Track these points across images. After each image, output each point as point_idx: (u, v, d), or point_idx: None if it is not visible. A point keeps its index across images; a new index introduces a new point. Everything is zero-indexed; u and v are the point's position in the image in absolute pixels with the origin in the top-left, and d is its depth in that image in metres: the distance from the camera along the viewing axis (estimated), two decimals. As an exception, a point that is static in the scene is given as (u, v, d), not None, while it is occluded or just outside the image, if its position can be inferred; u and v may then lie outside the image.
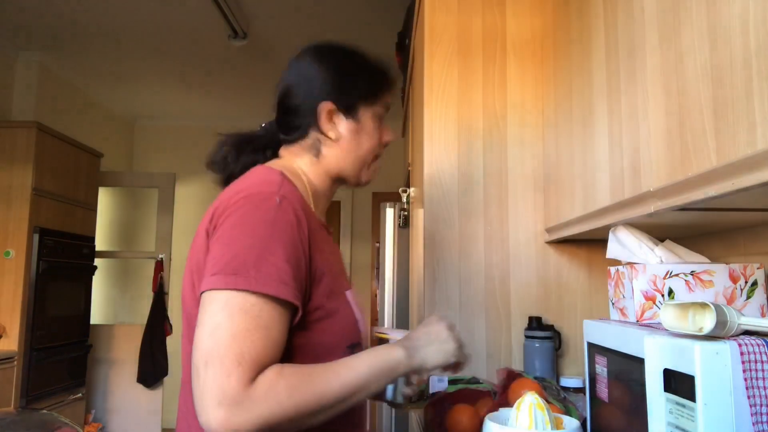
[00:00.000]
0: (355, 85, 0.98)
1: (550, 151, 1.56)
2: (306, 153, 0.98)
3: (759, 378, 0.70)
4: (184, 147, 5.31)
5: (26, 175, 3.24)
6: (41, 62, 3.86)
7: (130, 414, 4.06)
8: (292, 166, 0.96)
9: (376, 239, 4.92)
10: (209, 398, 0.69)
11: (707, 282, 1.01)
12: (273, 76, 4.32)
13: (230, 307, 0.73)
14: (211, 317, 0.73)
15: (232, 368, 0.70)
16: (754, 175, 0.66)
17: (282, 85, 1.03)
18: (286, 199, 0.82)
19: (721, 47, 0.71)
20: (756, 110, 0.64)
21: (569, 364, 1.58)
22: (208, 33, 3.49)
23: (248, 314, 0.73)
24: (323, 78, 0.97)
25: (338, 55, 1.00)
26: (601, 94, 1.14)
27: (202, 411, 0.69)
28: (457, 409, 1.28)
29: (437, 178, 1.63)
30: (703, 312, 0.77)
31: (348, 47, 1.02)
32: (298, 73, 1.01)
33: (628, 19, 1.01)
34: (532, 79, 1.66)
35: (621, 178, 1.03)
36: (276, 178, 0.85)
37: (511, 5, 1.68)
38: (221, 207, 0.82)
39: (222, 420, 0.67)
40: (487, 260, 1.61)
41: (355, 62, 1.01)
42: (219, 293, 0.74)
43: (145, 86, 4.46)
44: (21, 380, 3.14)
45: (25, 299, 3.18)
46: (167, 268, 4.27)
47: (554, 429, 1.03)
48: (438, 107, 1.65)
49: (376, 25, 3.38)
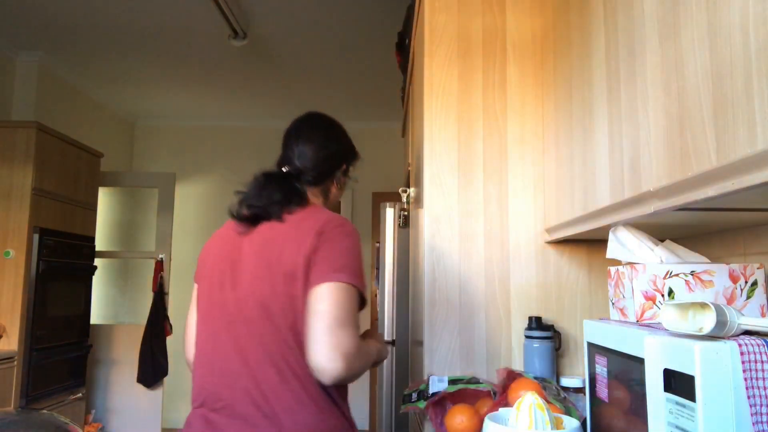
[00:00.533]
0: (347, 159, 1.42)
1: (550, 150, 1.56)
2: (322, 195, 1.36)
3: (759, 378, 0.71)
4: (184, 147, 5.31)
5: (26, 175, 3.24)
6: (41, 62, 3.86)
7: (130, 414, 4.06)
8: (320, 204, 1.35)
9: (376, 239, 4.93)
10: (340, 350, 1.05)
11: (707, 282, 1.01)
12: (273, 76, 4.34)
13: (349, 294, 1.11)
14: (338, 296, 1.09)
15: (355, 333, 1.09)
16: (754, 175, 0.66)
17: (322, 147, 1.37)
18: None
19: (721, 47, 0.71)
20: (756, 110, 0.64)
21: (569, 364, 1.58)
22: (208, 33, 3.49)
23: (354, 300, 1.12)
24: (347, 145, 1.43)
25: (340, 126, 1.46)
26: (601, 94, 1.14)
27: (331, 359, 1.04)
28: (457, 409, 1.28)
29: (437, 178, 1.63)
30: (703, 312, 0.77)
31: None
32: (336, 138, 1.42)
33: (628, 19, 1.01)
34: (532, 80, 1.66)
35: (621, 178, 1.03)
36: (343, 217, 1.24)
37: (511, 5, 1.68)
38: (323, 231, 1.16)
39: (345, 365, 1.05)
40: (487, 260, 1.61)
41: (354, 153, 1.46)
42: (343, 284, 1.10)
43: (145, 86, 4.46)
44: (21, 380, 3.14)
45: (25, 299, 3.18)
46: (167, 268, 4.27)
47: (554, 429, 1.03)
48: (438, 107, 1.65)
49: (376, 25, 3.38)
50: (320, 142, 1.37)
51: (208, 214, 5.24)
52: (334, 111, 5.77)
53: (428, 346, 1.58)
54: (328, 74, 4.18)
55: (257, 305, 1.13)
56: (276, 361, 1.10)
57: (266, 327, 1.11)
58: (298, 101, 4.78)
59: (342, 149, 1.40)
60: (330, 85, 4.39)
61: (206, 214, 5.24)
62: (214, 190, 5.27)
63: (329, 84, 4.38)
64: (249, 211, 1.24)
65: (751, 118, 0.65)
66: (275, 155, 1.46)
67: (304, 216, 1.21)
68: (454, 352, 1.57)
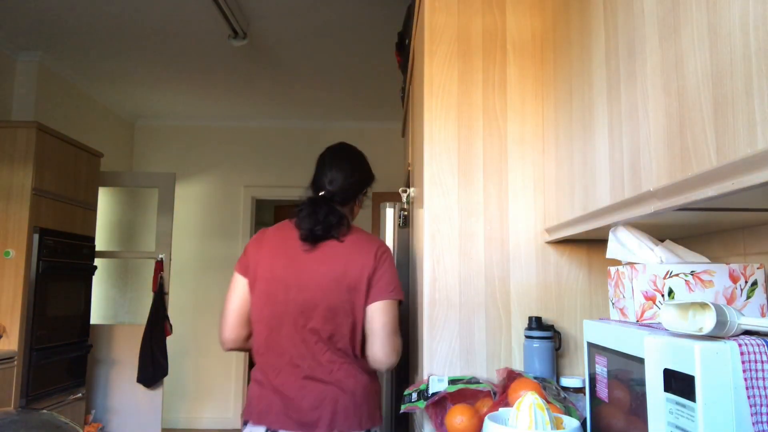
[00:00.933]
0: (365, 186, 1.73)
1: (550, 150, 1.56)
2: (349, 214, 1.68)
3: (759, 378, 0.71)
4: (184, 147, 5.32)
5: (26, 175, 3.24)
6: (41, 62, 3.86)
7: (130, 414, 4.06)
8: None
9: (376, 239, 4.92)
10: (395, 350, 1.53)
11: (707, 282, 1.01)
12: (273, 76, 4.33)
13: (396, 307, 1.55)
14: (392, 310, 1.53)
15: (400, 335, 1.57)
16: (754, 175, 0.66)
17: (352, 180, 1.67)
18: None
19: (721, 47, 0.71)
20: (756, 110, 0.64)
21: (569, 364, 1.59)
22: (208, 33, 3.49)
23: (399, 310, 1.56)
24: (368, 170, 1.74)
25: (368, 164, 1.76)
26: (601, 94, 1.14)
27: (389, 355, 1.52)
28: (457, 409, 1.28)
29: (437, 178, 1.63)
30: (703, 312, 0.77)
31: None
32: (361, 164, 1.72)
33: (628, 20, 1.01)
34: (532, 79, 1.66)
35: (621, 178, 1.03)
36: (383, 242, 1.64)
37: (511, 5, 1.68)
38: (379, 255, 1.56)
39: (397, 358, 1.53)
40: (487, 260, 1.61)
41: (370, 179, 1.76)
42: (395, 301, 1.54)
43: (145, 86, 4.46)
44: (21, 380, 3.14)
45: (25, 299, 3.19)
46: (167, 268, 4.27)
47: (554, 429, 1.03)
48: (438, 107, 1.65)
49: (376, 25, 3.38)
50: (349, 170, 1.67)
51: (208, 214, 5.24)
52: (334, 111, 5.81)
53: (428, 346, 1.58)
54: (328, 74, 4.18)
55: (325, 308, 1.51)
56: (333, 347, 1.52)
57: (329, 323, 1.51)
58: (298, 101, 4.78)
59: (365, 176, 1.71)
60: (330, 85, 4.39)
61: (206, 214, 5.24)
62: (214, 190, 5.27)
63: (329, 84, 4.38)
64: (312, 234, 1.55)
65: (751, 118, 0.65)
66: (275, 155, 1.48)
67: (355, 238, 1.58)
68: (454, 352, 1.57)
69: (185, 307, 5.09)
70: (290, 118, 5.21)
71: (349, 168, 1.67)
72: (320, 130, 5.26)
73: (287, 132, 5.29)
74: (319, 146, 1.86)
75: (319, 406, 1.48)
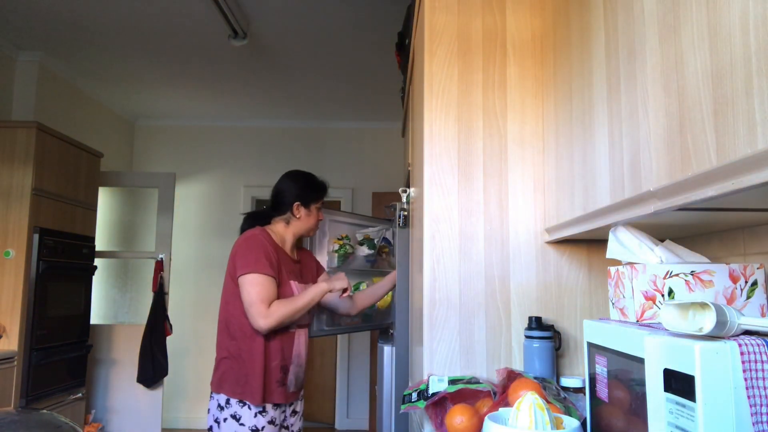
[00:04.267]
0: (309, 194, 2.17)
1: (550, 150, 1.56)
2: (282, 222, 2.17)
3: (759, 378, 0.71)
4: (184, 147, 5.32)
5: (26, 175, 3.24)
6: (41, 62, 3.86)
7: (130, 414, 4.06)
8: (274, 228, 2.15)
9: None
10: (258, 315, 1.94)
11: (707, 282, 1.01)
12: (273, 76, 4.33)
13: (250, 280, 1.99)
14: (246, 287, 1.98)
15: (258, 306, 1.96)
16: (754, 175, 0.66)
17: (275, 190, 2.19)
18: (259, 236, 2.06)
19: (721, 47, 0.71)
20: (756, 110, 0.64)
21: (569, 364, 1.58)
22: (208, 33, 3.49)
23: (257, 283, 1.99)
24: (296, 190, 2.16)
25: (302, 177, 2.20)
26: (601, 93, 1.14)
27: (254, 322, 1.93)
28: (457, 409, 1.28)
29: (437, 178, 1.63)
30: (703, 312, 0.77)
31: (307, 174, 2.23)
32: (284, 186, 2.18)
33: (628, 19, 1.01)
34: (532, 79, 1.66)
35: (621, 178, 1.03)
36: (257, 229, 2.10)
37: (511, 5, 1.68)
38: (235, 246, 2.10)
39: (265, 323, 1.92)
40: (487, 260, 1.60)
41: (309, 181, 2.20)
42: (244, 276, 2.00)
43: (145, 86, 4.46)
44: (21, 380, 3.14)
45: (25, 299, 3.18)
46: (167, 268, 4.27)
47: (554, 429, 1.03)
48: (438, 107, 1.65)
49: (376, 25, 3.38)
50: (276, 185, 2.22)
51: (208, 214, 5.24)
52: (334, 111, 5.80)
53: (428, 346, 1.58)
54: (328, 74, 4.18)
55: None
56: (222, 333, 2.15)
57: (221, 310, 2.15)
58: (298, 101, 4.78)
59: (289, 191, 2.17)
60: (330, 85, 4.39)
61: (206, 214, 5.24)
62: (214, 190, 5.27)
63: (329, 84, 4.37)
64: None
65: (751, 118, 0.65)
66: (275, 155, 1.48)
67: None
68: (454, 352, 1.57)
69: (185, 307, 5.09)
70: (290, 118, 5.21)
71: (285, 183, 2.19)
72: (320, 130, 5.26)
73: (287, 132, 5.29)
74: (319, 146, 1.88)
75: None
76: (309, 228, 2.18)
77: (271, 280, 1.96)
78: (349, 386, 5.18)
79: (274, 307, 1.93)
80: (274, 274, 1.98)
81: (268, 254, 1.99)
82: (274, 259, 2.00)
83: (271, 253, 2.00)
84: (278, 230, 2.14)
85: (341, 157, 5.28)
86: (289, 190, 2.15)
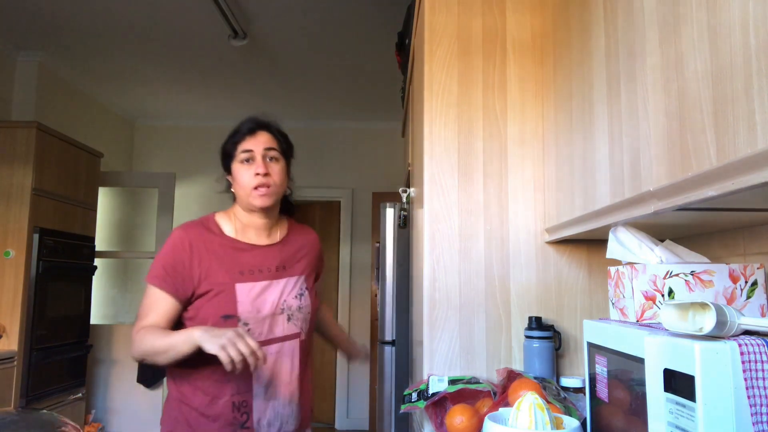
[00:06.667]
0: (223, 159, 1.59)
1: (550, 150, 1.56)
2: (236, 204, 1.61)
3: (759, 378, 0.71)
4: (184, 147, 5.31)
5: (26, 175, 3.24)
6: (41, 62, 3.86)
7: (130, 414, 4.06)
8: (230, 210, 1.63)
9: (376, 239, 4.92)
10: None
11: (707, 282, 1.01)
12: (273, 76, 4.33)
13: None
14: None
15: (137, 323, 1.47)
16: (754, 175, 0.66)
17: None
18: (173, 235, 1.55)
19: (721, 47, 0.71)
20: (756, 110, 0.64)
21: (569, 364, 1.58)
22: (208, 33, 3.49)
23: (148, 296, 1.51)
24: (222, 161, 1.60)
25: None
26: (601, 93, 1.14)
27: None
28: (457, 409, 1.28)
29: (437, 178, 1.63)
30: (703, 312, 0.77)
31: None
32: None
33: (628, 19, 1.01)
34: (532, 79, 1.66)
35: (621, 178, 1.03)
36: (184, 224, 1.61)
37: (511, 5, 1.68)
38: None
39: (132, 348, 1.44)
40: (487, 260, 1.60)
41: (223, 145, 1.59)
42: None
43: (145, 86, 4.46)
44: (21, 380, 3.14)
45: (25, 299, 3.18)
46: (167, 268, 4.27)
47: (554, 429, 1.03)
48: (438, 107, 1.65)
49: (376, 25, 3.38)
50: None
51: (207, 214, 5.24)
52: (334, 111, 5.80)
53: (428, 346, 1.58)
54: (328, 74, 4.18)
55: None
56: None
57: None
58: (298, 101, 4.78)
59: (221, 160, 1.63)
60: (330, 85, 4.39)
61: (206, 213, 5.24)
62: (214, 190, 5.26)
63: (329, 84, 4.37)
64: None
65: (751, 118, 0.65)
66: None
67: None
68: (454, 352, 1.57)
69: (185, 307, 5.08)
70: (290, 118, 5.21)
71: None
72: (320, 130, 5.26)
73: (287, 132, 5.28)
74: (319, 146, 1.86)
75: None
76: (245, 193, 1.50)
77: (158, 293, 1.44)
78: (349, 386, 5.18)
79: (144, 331, 1.39)
80: (168, 287, 1.44)
81: (167, 259, 1.46)
82: (186, 262, 1.46)
83: (179, 256, 1.46)
84: (236, 214, 1.59)
85: (341, 157, 5.27)
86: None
